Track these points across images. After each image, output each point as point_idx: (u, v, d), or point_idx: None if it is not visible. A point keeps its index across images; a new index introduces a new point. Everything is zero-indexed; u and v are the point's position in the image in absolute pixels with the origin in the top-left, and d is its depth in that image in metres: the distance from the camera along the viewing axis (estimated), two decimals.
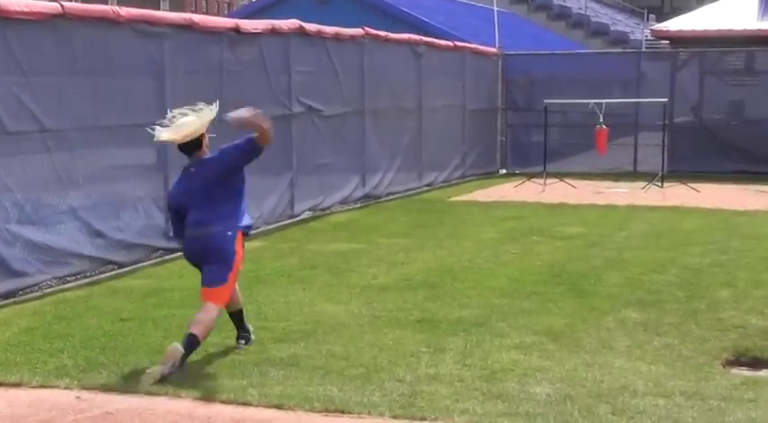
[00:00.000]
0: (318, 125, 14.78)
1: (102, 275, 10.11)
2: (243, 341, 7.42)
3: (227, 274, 7.12)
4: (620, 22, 42.03)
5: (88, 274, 10.02)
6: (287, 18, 14.55)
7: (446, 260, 11.10)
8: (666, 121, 19.89)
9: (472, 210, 15.74)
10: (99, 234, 10.27)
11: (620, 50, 31.47)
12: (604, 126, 18.76)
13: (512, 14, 34.69)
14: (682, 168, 20.15)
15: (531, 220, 14.35)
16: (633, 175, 20.65)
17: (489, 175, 21.38)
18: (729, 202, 16.21)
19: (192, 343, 6.76)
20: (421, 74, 18.27)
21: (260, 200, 13.22)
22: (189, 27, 11.76)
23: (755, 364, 7.10)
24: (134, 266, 10.59)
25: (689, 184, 18.39)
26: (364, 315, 8.38)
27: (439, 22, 25.80)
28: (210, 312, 6.98)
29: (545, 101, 19.81)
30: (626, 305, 8.69)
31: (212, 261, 7.10)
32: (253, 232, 12.53)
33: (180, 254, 11.12)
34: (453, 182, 19.72)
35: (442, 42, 19.91)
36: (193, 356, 6.96)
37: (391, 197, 16.98)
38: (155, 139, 7.31)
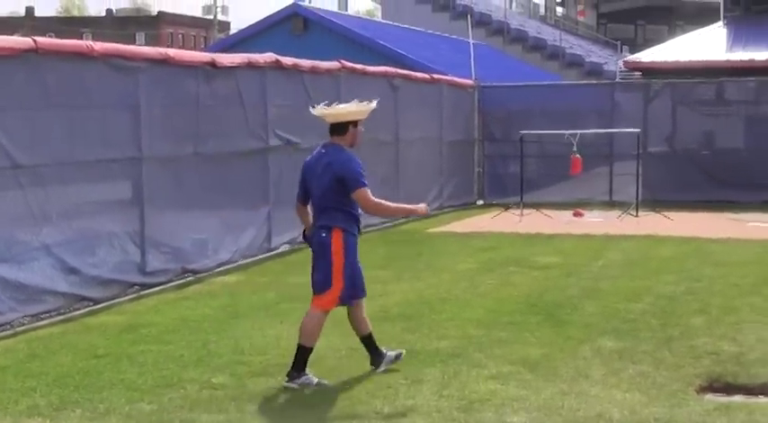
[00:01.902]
0: (295, 158, 14.70)
1: (77, 312, 9.99)
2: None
3: (330, 280, 7.32)
4: (595, 54, 42.37)
5: (62, 311, 9.89)
6: (264, 50, 14.59)
7: (424, 291, 11.09)
8: (640, 151, 20.03)
9: (450, 241, 15.75)
10: (73, 270, 10.17)
11: (595, 82, 31.64)
12: (577, 155, 18.87)
13: (488, 46, 34.94)
14: (656, 197, 20.27)
15: (507, 251, 14.37)
16: (609, 205, 20.73)
17: (467, 206, 21.42)
18: (702, 230, 16.28)
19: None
20: (397, 106, 18.31)
21: (237, 233, 13.22)
22: (164, 61, 11.76)
23: (728, 389, 7.12)
24: (109, 302, 10.48)
25: (663, 213, 18.49)
26: (342, 347, 8.34)
27: (415, 55, 25.92)
28: (308, 318, 7.44)
29: (521, 132, 19.90)
30: (602, 334, 8.70)
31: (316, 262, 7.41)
32: (229, 266, 12.66)
33: (156, 289, 11.17)
34: (431, 213, 19.71)
35: (419, 75, 19.99)
36: (171, 392, 6.93)
37: (369, 229, 16.90)
38: (311, 110, 7.55)
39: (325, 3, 37.14)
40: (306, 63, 15.13)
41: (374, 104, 7.50)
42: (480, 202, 22.24)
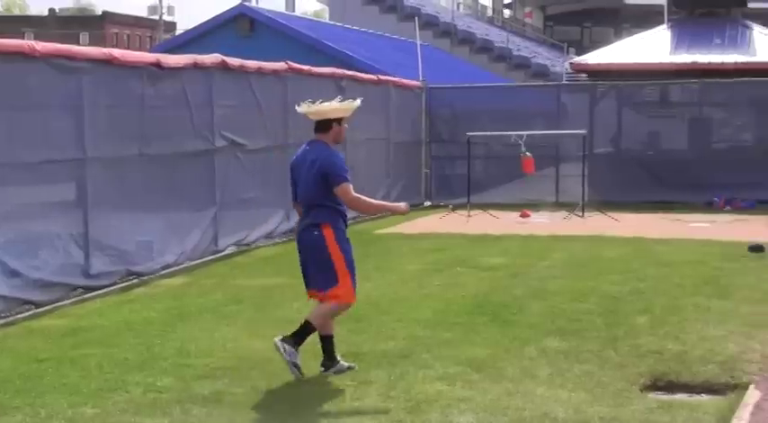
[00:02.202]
0: (242, 159, 14.72)
1: (19, 316, 9.82)
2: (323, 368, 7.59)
3: (335, 277, 7.39)
4: (541, 56, 42.64)
5: (3, 314, 9.72)
6: (210, 51, 14.51)
7: (371, 293, 11.07)
8: (586, 152, 20.19)
9: (397, 242, 15.76)
10: (15, 273, 9.98)
11: (541, 83, 31.91)
12: (528, 154, 18.99)
13: (435, 48, 35.03)
14: (601, 198, 20.40)
15: (455, 252, 14.41)
16: (555, 206, 20.86)
17: (414, 208, 21.38)
18: (647, 231, 16.44)
19: None
20: None
21: (183, 235, 13.13)
22: (109, 62, 11.64)
23: (671, 387, 7.22)
24: (52, 306, 10.31)
25: (608, 214, 18.65)
26: None
27: (362, 56, 25.91)
28: (323, 307, 7.56)
29: (468, 133, 19.97)
30: (547, 334, 8.76)
31: (311, 260, 7.49)
32: (175, 269, 12.57)
33: (100, 292, 11.06)
34: (379, 214, 19.72)
35: (366, 76, 19.98)
36: (114, 396, 6.88)
37: None
38: (297, 108, 7.80)
39: (272, 3, 37.00)
40: (252, 64, 15.07)
41: (358, 102, 7.71)
42: (428, 204, 22.29)
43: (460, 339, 8.62)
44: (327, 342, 7.58)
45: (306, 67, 16.88)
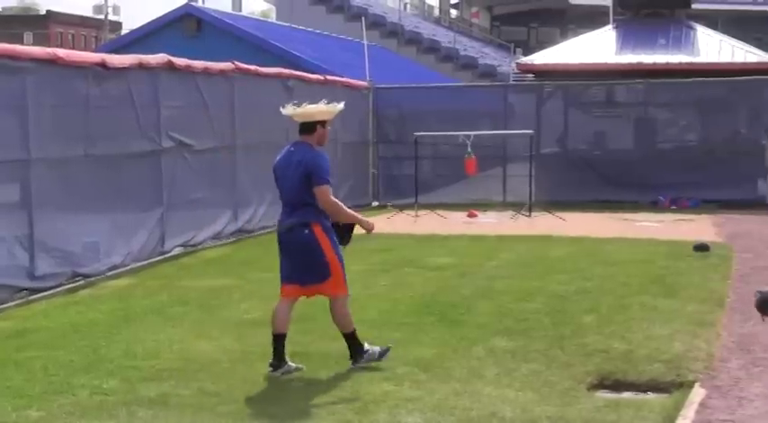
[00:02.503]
0: (189, 160, 14.64)
1: None
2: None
3: (328, 269, 7.68)
4: (488, 56, 42.84)
5: None
6: (157, 51, 14.42)
7: None
8: (533, 152, 20.33)
9: None
10: None
11: (488, 83, 32.05)
12: (472, 156, 19.08)
13: (382, 48, 35.05)
14: (549, 198, 20.57)
15: (402, 252, 14.44)
16: (502, 206, 20.96)
17: (361, 208, 21.38)
18: (593, 230, 16.59)
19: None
20: None
21: (129, 236, 13.04)
22: (53, 61, 11.52)
23: (617, 386, 7.29)
24: None
25: (555, 214, 18.79)
26: (236, 350, 8.31)
27: (310, 56, 25.88)
28: (336, 307, 7.84)
29: (415, 133, 20.02)
30: (495, 333, 8.81)
31: (303, 259, 7.69)
32: (121, 270, 12.47)
33: (45, 294, 10.95)
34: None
35: (313, 76, 19.96)
36: (60, 399, 6.81)
37: (264, 231, 16.83)
38: (282, 110, 7.93)
39: (218, 3, 36.84)
40: (199, 64, 15.00)
41: (341, 106, 7.91)
42: (375, 204, 22.31)
43: (408, 339, 8.63)
44: (352, 339, 7.80)
45: (253, 68, 16.84)
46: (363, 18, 30.65)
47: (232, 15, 31.29)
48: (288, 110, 7.84)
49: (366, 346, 7.81)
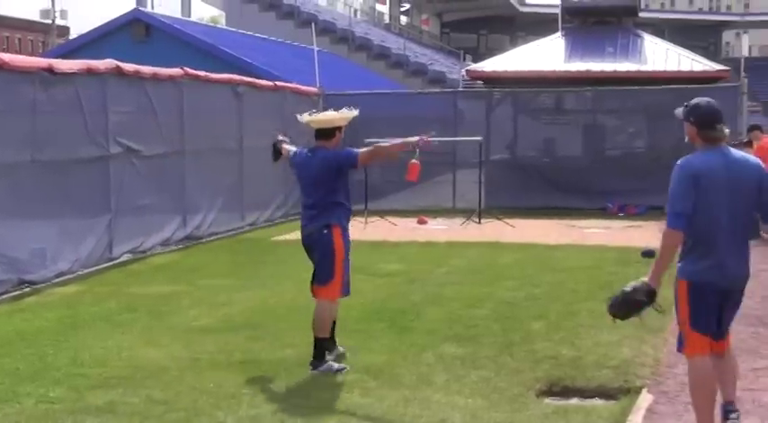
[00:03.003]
0: (138, 166, 14.54)
1: None
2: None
3: (333, 273, 7.96)
4: (438, 63, 43.03)
5: None
6: (105, 56, 14.33)
7: (268, 300, 11.05)
8: (483, 159, 20.41)
9: (295, 249, 15.43)
10: None
11: (438, 90, 32.15)
12: (415, 161, 19.06)
13: (332, 54, 35.07)
14: (498, 204, 20.65)
15: (352, 258, 14.37)
16: (452, 212, 21.01)
17: None
18: (542, 237, 16.70)
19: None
20: (242, 114, 18.20)
21: (77, 243, 12.92)
22: None
23: (566, 393, 7.34)
24: None
25: (504, 220, 18.88)
26: (185, 358, 8.25)
27: (260, 62, 25.82)
28: (319, 309, 7.96)
29: (366, 140, 19.95)
30: (445, 340, 8.84)
31: (318, 257, 8.02)
32: (69, 277, 12.35)
33: None
34: (276, 221, 19.66)
35: (263, 82, 19.92)
36: (5, 408, 6.73)
37: (213, 238, 16.81)
38: (299, 118, 8.31)
39: (167, 9, 36.59)
40: (147, 70, 14.90)
41: (356, 112, 8.24)
42: None
43: (358, 346, 8.63)
44: (322, 344, 7.95)
45: (202, 74, 16.77)
46: (313, 24, 30.55)
47: (181, 21, 31.16)
48: (304, 117, 8.22)
49: (328, 357, 7.89)
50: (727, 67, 29.57)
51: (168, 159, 15.48)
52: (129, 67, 14.28)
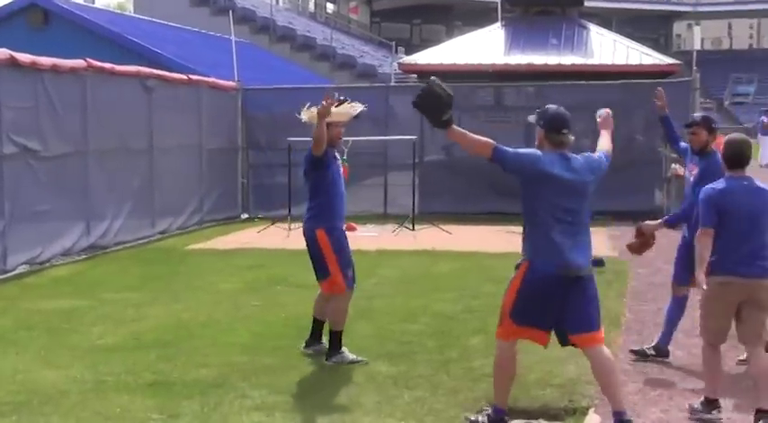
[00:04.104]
0: (35, 167, 14.35)
1: None
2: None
3: (328, 270, 8.86)
4: (368, 55, 43.13)
5: None
6: None
7: (181, 315, 10.98)
8: (416, 160, 20.44)
9: (211, 259, 15.64)
10: None
11: (368, 85, 32.17)
12: (345, 163, 19.09)
13: (252, 45, 35.02)
14: (433, 209, 20.69)
15: (274, 269, 14.38)
16: (383, 218, 21.01)
17: (230, 221, 21.30)
18: (482, 245, 16.79)
19: None
20: (152, 110, 18.05)
21: None
22: None
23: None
24: None
25: (440, 227, 18.94)
26: (88, 380, 8.17)
27: (172, 53, 25.69)
28: (332, 305, 8.91)
29: (289, 139, 19.94)
30: (376, 358, 8.84)
31: (310, 255, 9.02)
32: None
33: None
34: (190, 228, 19.54)
35: (175, 75, 19.77)
36: None
37: (121, 247, 16.65)
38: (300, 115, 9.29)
39: None
40: (46, 61, 14.71)
41: (360, 106, 9.50)
42: (245, 216, 22.15)
43: (281, 365, 8.61)
44: (338, 336, 8.87)
45: (108, 66, 16.60)
46: (231, 12, 30.40)
47: (84, 7, 30.85)
48: (304, 116, 9.34)
49: (344, 348, 8.74)
50: (679, 61, 30.09)
51: (70, 160, 15.28)
52: (24, 57, 14.09)
